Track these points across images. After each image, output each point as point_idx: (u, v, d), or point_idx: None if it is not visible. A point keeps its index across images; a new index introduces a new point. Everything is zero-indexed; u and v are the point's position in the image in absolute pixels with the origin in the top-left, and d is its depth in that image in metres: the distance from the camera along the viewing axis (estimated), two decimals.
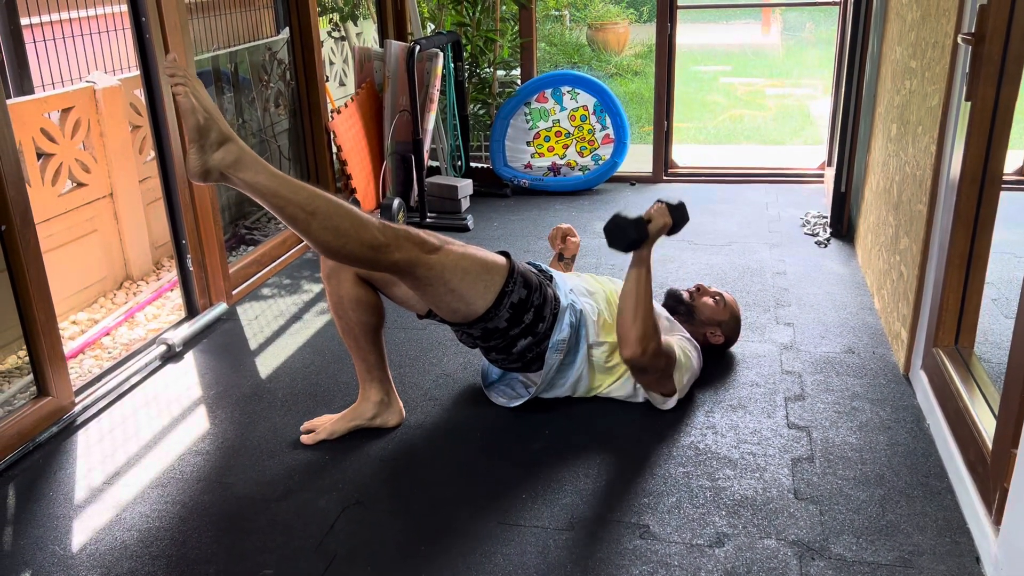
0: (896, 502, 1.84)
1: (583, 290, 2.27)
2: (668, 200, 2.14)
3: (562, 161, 4.37)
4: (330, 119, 3.80)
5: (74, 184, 3.19)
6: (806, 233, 3.61)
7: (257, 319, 2.95)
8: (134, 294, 3.40)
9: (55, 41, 3.37)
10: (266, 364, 2.60)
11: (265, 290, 3.22)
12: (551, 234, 2.61)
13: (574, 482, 1.95)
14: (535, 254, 3.38)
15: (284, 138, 3.88)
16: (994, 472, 1.64)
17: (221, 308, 2.97)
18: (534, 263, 2.28)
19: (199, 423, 2.27)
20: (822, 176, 4.32)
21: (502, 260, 2.09)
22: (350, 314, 2.11)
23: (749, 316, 2.78)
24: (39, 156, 3.02)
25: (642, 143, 5.18)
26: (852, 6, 3.30)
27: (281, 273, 3.39)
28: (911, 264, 2.34)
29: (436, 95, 3.93)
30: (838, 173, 3.52)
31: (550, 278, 2.22)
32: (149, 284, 3.49)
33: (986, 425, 1.76)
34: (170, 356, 2.66)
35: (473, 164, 4.46)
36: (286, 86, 3.87)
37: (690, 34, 10.43)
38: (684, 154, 4.78)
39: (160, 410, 2.35)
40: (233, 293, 3.07)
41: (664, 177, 4.50)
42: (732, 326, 2.49)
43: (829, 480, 1.93)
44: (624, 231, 2.08)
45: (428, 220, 3.85)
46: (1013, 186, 4.04)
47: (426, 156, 3.95)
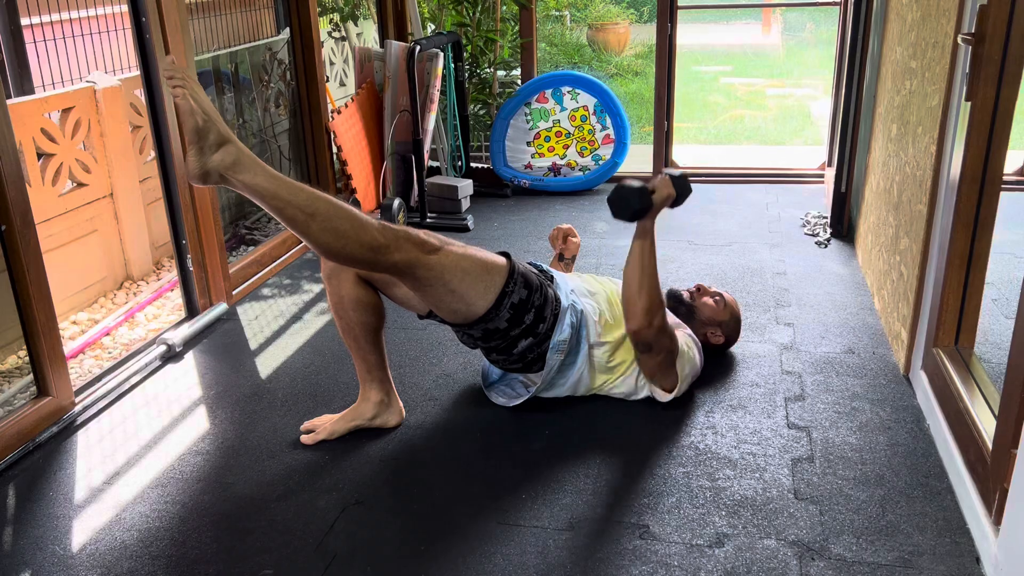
0: (896, 502, 1.84)
1: (584, 291, 2.27)
2: (671, 172, 2.16)
3: (562, 161, 4.37)
4: (330, 119, 3.80)
5: (74, 184, 3.19)
6: (806, 233, 3.61)
7: (257, 319, 2.95)
8: (134, 294, 3.40)
9: (55, 41, 3.37)
10: (266, 364, 2.60)
11: (265, 290, 3.22)
12: (551, 234, 2.61)
13: (574, 482, 1.95)
14: (535, 254, 3.38)
15: (284, 138, 3.88)
16: (994, 472, 1.64)
17: (221, 308, 2.97)
18: (535, 263, 2.28)
19: (199, 423, 2.27)
20: (822, 176, 4.32)
21: (502, 260, 2.09)
22: (350, 314, 2.11)
23: (749, 316, 2.78)
24: (39, 156, 3.02)
25: (642, 143, 5.18)
26: (852, 6, 3.30)
27: (281, 273, 3.39)
28: (911, 264, 2.34)
29: (436, 95, 3.93)
30: (838, 173, 3.51)
31: (551, 278, 2.22)
32: (149, 284, 3.49)
33: (986, 425, 1.76)
34: (170, 356, 2.67)
35: (473, 164, 4.46)
36: (286, 86, 3.87)
37: (690, 34, 10.44)
38: (684, 154, 4.79)
39: (160, 410, 2.35)
40: (233, 293, 3.07)
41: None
42: (732, 326, 2.49)
43: (829, 480, 1.93)
44: (628, 200, 2.09)
45: (428, 220, 3.85)
46: (1013, 186, 4.04)
47: (426, 156, 3.95)
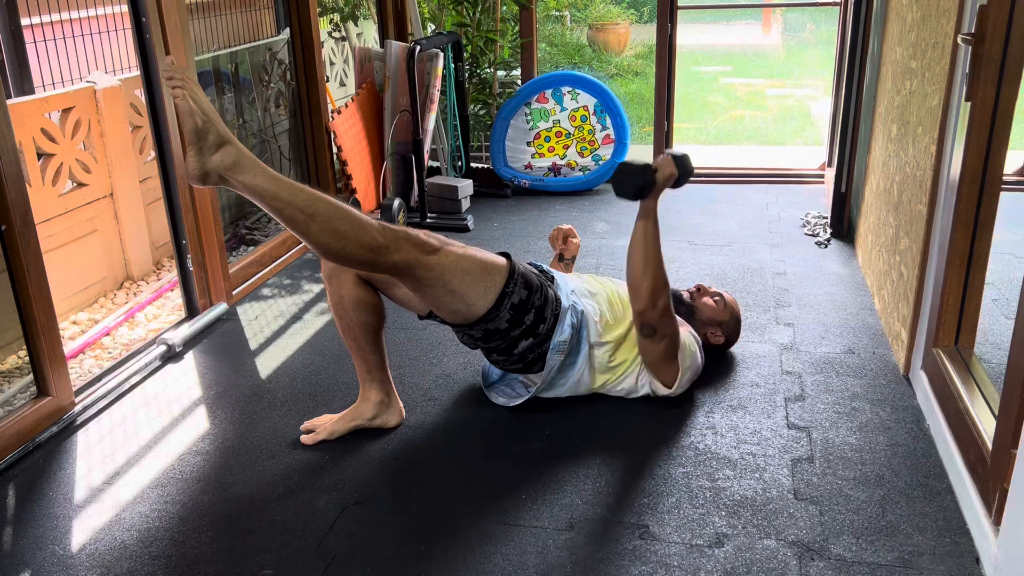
0: (896, 502, 1.84)
1: (585, 291, 2.27)
2: (674, 152, 2.16)
3: (562, 161, 4.37)
4: (330, 119, 3.80)
5: (74, 184, 3.19)
6: (806, 233, 3.61)
7: (257, 319, 2.95)
8: (134, 294, 3.40)
9: (55, 41, 3.37)
10: (266, 364, 2.60)
11: (265, 290, 3.22)
12: (552, 234, 2.61)
13: (574, 482, 1.95)
14: (535, 254, 3.38)
15: (284, 138, 3.88)
16: (994, 472, 1.64)
17: (221, 308, 2.97)
18: (535, 264, 2.28)
19: (199, 423, 2.27)
20: (822, 176, 4.32)
21: (503, 261, 2.09)
22: (351, 314, 2.11)
23: (749, 316, 2.78)
24: (39, 156, 3.02)
25: (642, 144, 5.18)
26: (852, 7, 3.30)
27: (281, 273, 3.39)
28: (911, 264, 2.34)
29: (436, 95, 3.93)
30: (838, 173, 3.51)
31: (551, 279, 2.22)
32: (149, 284, 3.49)
33: (986, 425, 1.76)
34: (170, 356, 2.67)
35: (473, 164, 4.46)
36: (286, 86, 3.87)
37: (691, 34, 10.44)
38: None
39: (160, 410, 2.35)
40: (233, 293, 3.07)
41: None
42: (732, 326, 2.49)
43: (829, 480, 1.93)
44: (632, 178, 2.09)
45: (428, 220, 3.85)
46: (1013, 186, 4.04)
47: (426, 156, 3.95)
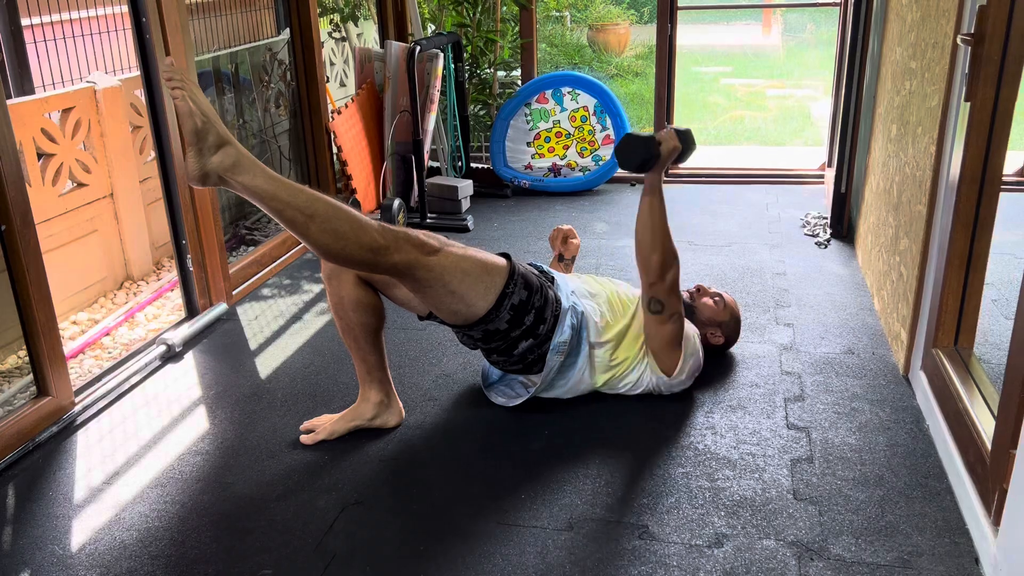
0: (895, 503, 1.84)
1: (585, 292, 2.27)
2: (677, 127, 2.18)
3: (562, 162, 4.37)
4: (330, 120, 3.81)
5: (74, 184, 3.19)
6: (806, 234, 3.61)
7: (257, 319, 2.95)
8: (134, 294, 3.40)
9: (56, 41, 3.37)
10: (266, 364, 2.60)
11: (265, 290, 3.22)
12: (551, 235, 2.61)
13: (573, 482, 1.95)
14: (535, 255, 3.38)
15: (284, 139, 3.88)
16: (993, 473, 1.64)
17: (221, 308, 2.97)
18: (535, 264, 2.28)
19: (199, 423, 2.27)
20: (822, 177, 4.32)
21: (503, 262, 2.09)
22: (350, 315, 2.11)
23: (749, 317, 2.78)
24: (39, 156, 3.02)
25: None
26: (852, 7, 3.30)
27: (281, 273, 3.39)
28: (911, 265, 2.34)
29: (436, 96, 3.93)
30: (838, 174, 3.52)
31: (552, 280, 2.22)
32: (149, 284, 3.50)
33: (985, 426, 1.76)
34: (170, 356, 2.67)
35: (473, 165, 4.46)
36: (286, 87, 3.87)
37: (691, 35, 10.44)
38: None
39: (160, 410, 2.36)
40: (233, 293, 3.07)
41: (664, 178, 4.49)
42: (732, 327, 2.49)
43: (828, 481, 1.93)
44: (636, 149, 2.10)
45: (428, 220, 3.85)
46: (1013, 187, 4.04)
47: (426, 157, 3.96)
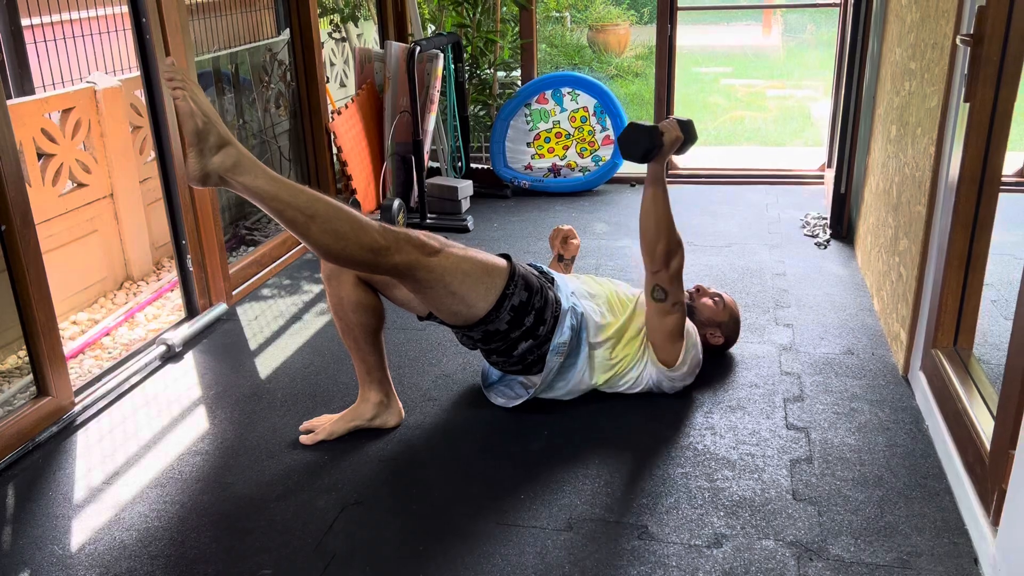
0: (894, 503, 1.84)
1: (584, 292, 2.28)
2: (678, 117, 2.19)
3: (562, 162, 4.37)
4: (330, 120, 3.81)
5: (74, 184, 3.19)
6: (806, 234, 3.61)
7: (257, 319, 2.95)
8: (134, 294, 3.40)
9: (56, 42, 3.38)
10: (266, 364, 2.60)
11: (265, 290, 3.23)
12: (551, 235, 2.61)
13: (573, 483, 1.95)
14: (535, 255, 3.39)
15: (284, 139, 3.88)
16: (992, 473, 1.64)
17: (221, 308, 2.97)
18: (535, 265, 2.28)
19: (198, 423, 2.27)
20: (822, 177, 4.33)
21: (503, 263, 2.10)
22: (350, 315, 2.11)
23: (748, 317, 2.78)
24: (39, 156, 3.02)
25: None
26: (852, 8, 3.31)
27: (281, 274, 3.39)
28: (910, 265, 2.34)
29: (436, 96, 3.93)
30: (838, 174, 3.52)
31: (551, 280, 2.23)
32: (149, 284, 3.50)
33: (984, 426, 1.76)
34: (170, 356, 2.67)
35: (473, 165, 4.46)
36: (287, 87, 3.87)
37: (691, 35, 10.44)
38: (684, 155, 4.78)
39: (160, 410, 2.36)
40: (233, 293, 3.07)
41: (664, 178, 4.50)
42: (731, 327, 2.49)
43: (827, 481, 1.93)
44: (639, 139, 2.11)
45: (428, 221, 3.85)
46: (1013, 187, 4.04)
47: (426, 157, 3.96)
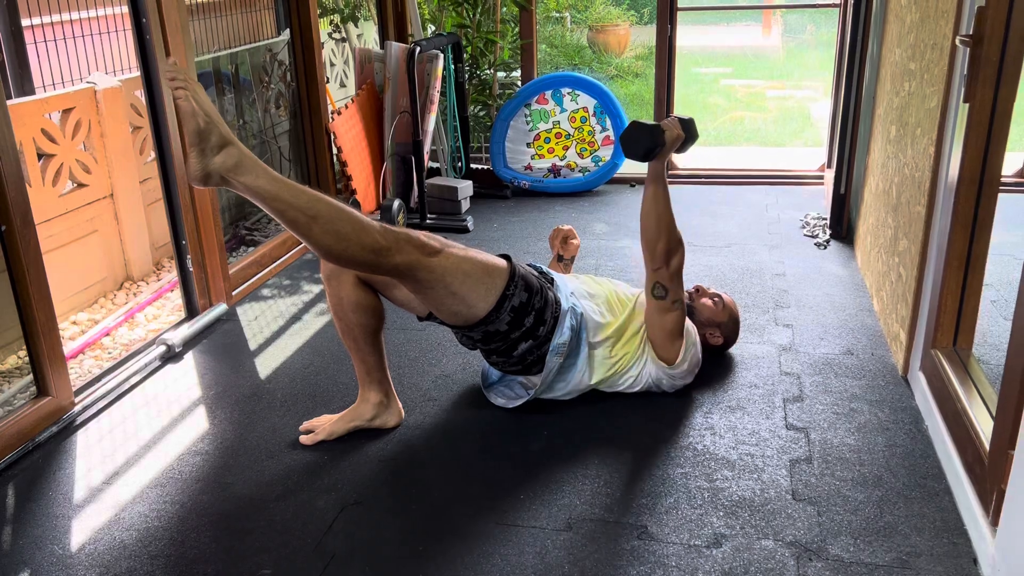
0: (894, 503, 1.84)
1: (584, 292, 2.28)
2: (679, 116, 2.20)
3: (562, 163, 4.37)
4: (330, 120, 3.81)
5: (75, 185, 3.19)
6: (805, 235, 3.61)
7: (257, 320, 2.95)
8: (134, 294, 3.40)
9: (56, 42, 3.38)
10: (265, 365, 2.60)
11: (265, 291, 3.23)
12: (551, 235, 2.62)
13: (572, 483, 1.95)
14: (535, 255, 3.39)
15: (284, 139, 3.88)
16: (991, 473, 1.64)
17: (221, 309, 2.97)
18: (534, 265, 2.29)
19: (198, 423, 2.28)
20: (822, 178, 4.33)
21: (503, 263, 2.10)
22: (350, 316, 2.11)
23: (748, 317, 2.79)
24: (40, 156, 3.02)
25: None
26: (852, 8, 3.31)
27: (281, 274, 3.39)
28: (910, 266, 2.35)
29: (436, 96, 3.93)
30: (837, 175, 3.52)
31: (551, 281, 2.23)
32: (149, 284, 3.50)
33: (984, 427, 1.77)
34: (170, 356, 2.67)
35: (473, 165, 4.46)
36: (287, 87, 3.88)
37: (691, 36, 10.44)
38: (684, 155, 4.78)
39: (160, 410, 2.36)
40: (233, 294, 3.07)
41: (665, 176, 4.50)
42: (731, 327, 2.49)
43: (827, 481, 1.93)
44: (641, 138, 2.12)
45: (428, 221, 3.85)
46: (1012, 188, 4.04)
47: (426, 157, 3.96)
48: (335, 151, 3.87)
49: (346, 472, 2.02)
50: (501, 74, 4.69)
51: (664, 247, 2.14)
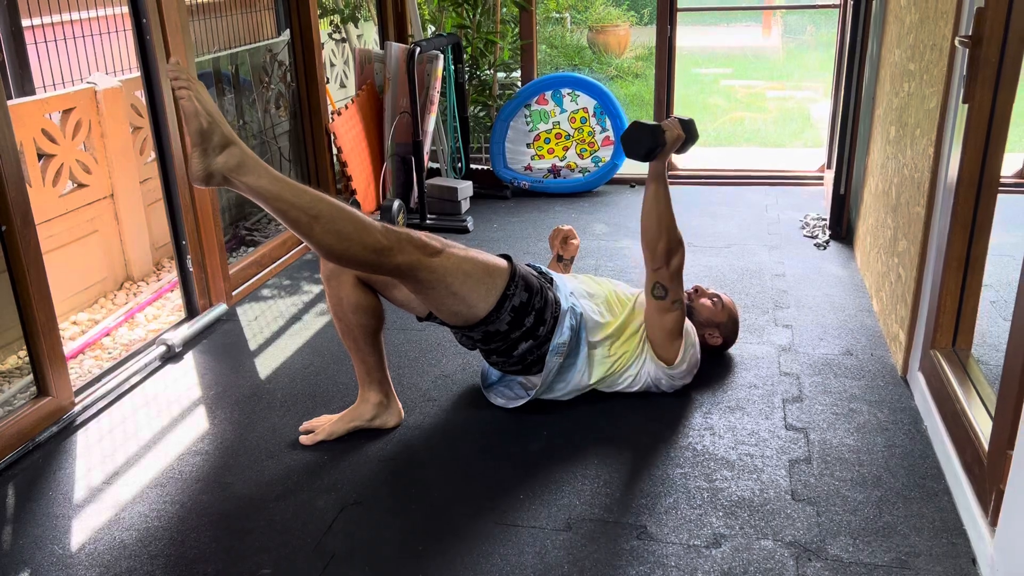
0: (893, 503, 1.85)
1: (583, 292, 2.28)
2: (680, 116, 2.21)
3: (562, 163, 4.38)
4: (331, 121, 3.81)
5: (75, 185, 3.20)
6: (805, 235, 3.62)
7: (257, 320, 2.95)
8: (134, 295, 3.40)
9: (56, 42, 3.38)
10: (265, 365, 2.61)
11: (265, 291, 3.23)
12: (551, 235, 2.62)
13: (572, 483, 1.95)
14: (535, 256, 3.39)
15: (285, 139, 3.89)
16: (990, 474, 1.64)
17: (221, 309, 2.97)
18: (534, 265, 2.29)
19: (198, 423, 2.28)
20: (821, 178, 4.33)
21: (504, 263, 2.10)
22: (350, 316, 2.11)
23: (747, 318, 2.79)
24: (40, 157, 3.02)
25: None
26: (851, 9, 3.31)
27: (281, 274, 3.39)
28: (909, 266, 2.35)
29: (436, 97, 3.94)
30: (837, 175, 3.52)
31: (551, 281, 2.23)
32: (149, 285, 3.50)
33: (983, 427, 1.77)
34: (170, 356, 2.67)
35: (473, 166, 4.46)
36: (287, 88, 3.88)
37: (691, 36, 10.44)
38: (684, 155, 4.78)
39: (160, 410, 2.36)
40: (233, 294, 3.07)
41: (666, 176, 4.50)
42: (730, 328, 2.50)
43: (826, 481, 1.93)
44: (642, 138, 2.13)
45: (428, 221, 3.85)
46: (1012, 189, 4.04)
47: (426, 158, 3.96)
48: (335, 151, 3.87)
49: (346, 472, 2.02)
50: (501, 75, 4.70)
51: (664, 247, 2.14)
